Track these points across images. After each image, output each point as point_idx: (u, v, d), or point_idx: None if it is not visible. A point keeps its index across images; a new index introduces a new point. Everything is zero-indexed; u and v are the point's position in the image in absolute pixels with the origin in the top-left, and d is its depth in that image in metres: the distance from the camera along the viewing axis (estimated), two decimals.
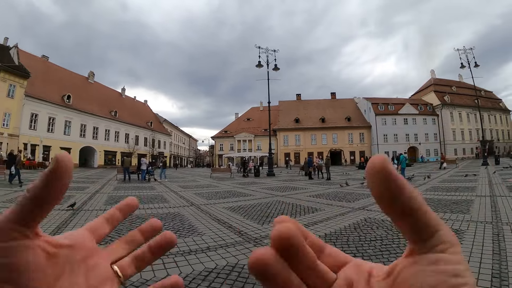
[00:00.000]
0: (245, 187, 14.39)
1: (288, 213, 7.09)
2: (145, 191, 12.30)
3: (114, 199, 9.91)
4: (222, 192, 12.00)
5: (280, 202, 8.85)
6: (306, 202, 8.93)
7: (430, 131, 65.62)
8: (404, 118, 65.04)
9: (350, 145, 66.42)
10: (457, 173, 20.45)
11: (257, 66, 26.23)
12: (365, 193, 11.03)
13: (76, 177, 21.21)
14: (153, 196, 10.55)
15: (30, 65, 42.76)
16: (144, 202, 9.16)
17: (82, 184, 15.65)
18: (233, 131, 72.41)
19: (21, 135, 38.34)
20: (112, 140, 56.15)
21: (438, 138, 65.61)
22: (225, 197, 10.20)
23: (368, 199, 9.36)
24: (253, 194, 11.20)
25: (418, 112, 65.38)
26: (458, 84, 71.68)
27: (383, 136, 64.47)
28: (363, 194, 10.73)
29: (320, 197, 10.02)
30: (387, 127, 64.57)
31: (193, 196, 10.49)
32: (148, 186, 14.98)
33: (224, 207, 7.97)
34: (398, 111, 65.03)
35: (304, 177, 21.74)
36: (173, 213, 7.25)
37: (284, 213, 7.08)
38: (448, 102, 65.17)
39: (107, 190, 12.68)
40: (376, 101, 67.95)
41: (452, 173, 20.71)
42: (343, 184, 14.47)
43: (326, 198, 9.74)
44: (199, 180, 19.61)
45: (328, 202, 8.92)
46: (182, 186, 15.13)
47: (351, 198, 9.63)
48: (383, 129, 64.46)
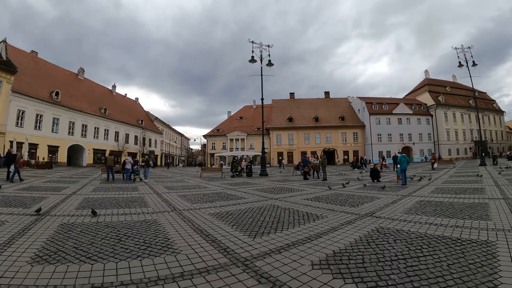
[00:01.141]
0: (235, 188, 13.34)
1: (285, 221, 6.05)
2: (126, 193, 11.17)
3: (89, 202, 8.79)
4: (210, 194, 10.93)
5: (275, 207, 7.82)
6: (304, 206, 7.91)
7: (424, 131, 65.34)
8: (398, 118, 64.57)
9: (343, 144, 65.76)
10: (457, 173, 19.70)
11: (250, 61, 25.15)
12: (367, 195, 10.08)
13: (59, 177, 19.99)
14: (132, 199, 9.46)
15: (18, 61, 41.26)
16: (120, 206, 8.08)
17: (62, 184, 14.50)
18: (226, 129, 71.24)
19: (7, 132, 36.78)
20: (101, 138, 54.62)
21: (432, 138, 65.40)
22: (212, 201, 9.13)
23: (373, 202, 8.41)
24: (244, 196, 10.15)
25: (413, 112, 65.05)
26: (452, 84, 71.85)
27: (377, 136, 63.90)
28: (366, 196, 9.78)
29: (319, 201, 9.02)
30: (381, 126, 64.03)
31: (177, 199, 9.41)
32: (131, 187, 13.84)
33: (210, 213, 6.91)
34: (392, 110, 64.55)
35: (298, 177, 20.78)
36: (149, 220, 6.17)
37: (280, 221, 6.05)
38: (443, 102, 65.08)
39: (85, 192, 11.54)
40: (370, 100, 67.42)
41: (451, 173, 19.97)
42: (345, 184, 13.61)
43: (326, 202, 8.75)
44: (187, 181, 18.51)
45: (329, 206, 7.92)
46: (168, 187, 14.03)
47: (354, 202, 8.65)
48: (377, 128, 63.90)
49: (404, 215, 6.60)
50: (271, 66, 26.07)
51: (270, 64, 25.85)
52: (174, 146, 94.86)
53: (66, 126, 46.65)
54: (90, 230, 5.41)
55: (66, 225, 5.79)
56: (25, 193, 10.77)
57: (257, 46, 25.85)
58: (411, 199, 9.01)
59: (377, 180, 16.00)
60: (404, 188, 12.08)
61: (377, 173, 16.39)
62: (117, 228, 5.50)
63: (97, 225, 5.80)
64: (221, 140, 70.64)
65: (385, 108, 65.06)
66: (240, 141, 68.49)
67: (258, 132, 67.34)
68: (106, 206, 8.14)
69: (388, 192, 10.91)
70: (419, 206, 7.79)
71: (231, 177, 21.85)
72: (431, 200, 8.66)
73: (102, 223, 5.99)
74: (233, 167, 23.64)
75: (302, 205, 8.10)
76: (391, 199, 9.07)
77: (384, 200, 8.99)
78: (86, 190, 12.04)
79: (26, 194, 10.29)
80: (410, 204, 8.06)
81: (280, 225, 5.70)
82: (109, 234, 5.09)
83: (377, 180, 16.04)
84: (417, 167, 31.90)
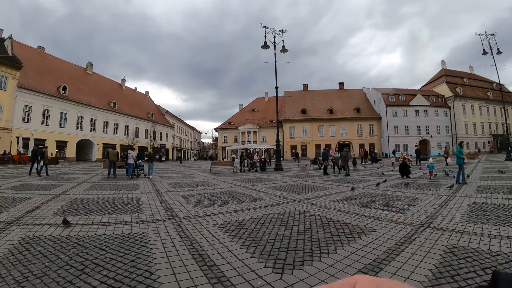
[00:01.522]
0: (249, 185, 11.66)
1: (321, 238, 4.32)
2: (122, 192, 9.63)
3: (73, 205, 7.28)
4: (219, 194, 9.25)
5: (301, 214, 6.12)
6: (338, 213, 6.18)
7: (442, 123, 62.74)
8: (415, 109, 62.09)
9: (359, 137, 63.58)
10: (488, 169, 17.74)
11: (263, 47, 23.38)
12: (406, 195, 8.35)
13: (60, 173, 18.74)
14: (126, 201, 7.90)
15: (25, 56, 40.82)
16: (108, 211, 6.54)
17: (57, 182, 13.13)
18: (237, 122, 69.67)
19: (14, 128, 36.08)
20: (111, 132, 53.86)
21: (450, 131, 62.64)
22: (221, 203, 7.46)
23: (420, 206, 6.69)
24: (260, 197, 8.47)
25: (430, 103, 62.44)
26: (470, 75, 69.03)
27: (394, 128, 61.58)
28: (406, 197, 8.05)
29: (353, 203, 7.29)
30: (398, 118, 61.65)
31: (178, 201, 7.78)
32: (132, 184, 12.30)
33: (217, 224, 5.24)
34: (409, 102, 62.08)
35: (316, 172, 19.05)
36: (134, 236, 4.56)
37: (314, 238, 4.32)
38: (460, 94, 62.32)
39: (78, 191, 10.06)
40: (387, 91, 64.83)
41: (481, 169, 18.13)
42: (381, 182, 11.89)
43: (362, 205, 7.02)
44: (195, 176, 16.89)
45: (369, 212, 6.19)
46: (172, 184, 12.43)
47: (396, 205, 6.92)
48: (394, 120, 61.51)
49: (468, 224, 5.05)
50: (285, 52, 24.26)
51: (284, 50, 24.05)
52: (186, 139, 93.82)
53: (74, 121, 45.95)
54: (53, 250, 3.88)
55: (27, 240, 4.34)
56: (10, 192, 9.43)
57: (269, 31, 24.06)
58: (460, 201, 7.35)
59: (406, 176, 14.18)
60: (441, 187, 10.24)
61: (407, 169, 14.58)
62: (87, 249, 3.91)
63: (64, 242, 4.26)
64: (233, 133, 69.20)
65: (402, 99, 62.56)
66: (252, 134, 66.91)
67: (270, 124, 65.65)
68: (92, 210, 6.62)
69: (427, 192, 9.15)
70: (475, 210, 6.21)
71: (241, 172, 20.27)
72: (485, 202, 6.99)
73: (72, 238, 4.44)
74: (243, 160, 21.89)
75: (335, 211, 6.38)
76: (437, 201, 7.38)
77: (430, 202, 7.28)
78: (80, 189, 10.56)
79: (9, 195, 8.90)
80: (464, 208, 6.43)
81: (316, 245, 3.98)
82: (72, 258, 3.54)
83: (407, 176, 14.22)
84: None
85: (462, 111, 62.03)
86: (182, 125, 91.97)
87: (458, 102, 61.83)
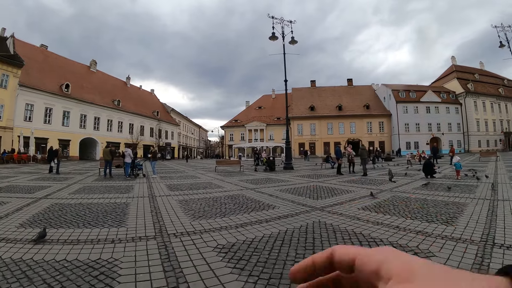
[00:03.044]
0: (258, 187, 10.25)
1: None
2: (111, 196, 8.31)
3: (48, 213, 6.04)
4: (223, 199, 7.86)
5: (329, 228, 4.72)
6: (376, 227, 4.76)
7: (453, 120, 60.60)
8: (426, 106, 60.08)
9: (369, 134, 61.73)
10: None
11: (271, 39, 22.00)
12: (447, 200, 6.94)
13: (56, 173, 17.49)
14: (112, 208, 6.58)
15: (27, 55, 40.01)
16: (85, 223, 5.24)
17: (45, 183, 11.91)
18: (244, 120, 68.33)
19: (15, 127, 35.19)
20: (115, 130, 52.85)
21: (461, 128, 60.52)
22: (224, 212, 6.05)
23: (468, 214, 5.26)
24: (272, 203, 7.06)
25: (441, 100, 60.27)
26: (480, 71, 66.82)
27: (404, 125, 59.60)
28: (447, 203, 6.68)
29: (387, 212, 5.89)
30: (408, 115, 59.67)
31: (173, 209, 6.41)
32: (126, 186, 10.98)
33: (217, 248, 3.83)
34: (420, 98, 60.07)
35: (329, 171, 17.63)
36: (102, 264, 3.23)
37: None
38: (472, 90, 60.14)
39: (63, 194, 8.80)
40: (397, 87, 62.82)
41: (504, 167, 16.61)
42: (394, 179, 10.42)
43: (400, 215, 5.61)
44: (199, 176, 15.48)
45: (414, 225, 4.78)
46: (172, 186, 11.05)
47: (441, 214, 5.52)
48: (405, 117, 59.57)
49: None
50: (294, 44, 22.81)
51: (293, 42, 22.60)
52: (192, 138, 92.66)
53: (77, 119, 45.05)
54: None
55: None
56: None
57: (277, 22, 22.59)
58: (509, 206, 6.08)
59: (430, 176, 12.72)
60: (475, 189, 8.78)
61: (432, 168, 13.10)
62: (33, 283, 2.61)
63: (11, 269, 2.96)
64: (239, 131, 67.92)
65: (412, 95, 60.64)
66: (259, 132, 65.55)
67: (277, 122, 64.23)
68: (66, 221, 5.38)
69: (463, 195, 7.81)
70: None
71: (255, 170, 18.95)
72: None
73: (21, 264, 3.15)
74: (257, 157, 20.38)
75: (370, 224, 4.98)
76: (483, 207, 6.12)
77: (475, 208, 6.04)
78: (66, 192, 9.30)
79: None
80: None
81: None
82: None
83: (431, 176, 12.76)
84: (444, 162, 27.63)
85: (474, 108, 60.00)
86: (188, 123, 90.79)
87: (470, 99, 59.78)
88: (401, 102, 59.54)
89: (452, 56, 70.41)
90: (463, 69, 66.61)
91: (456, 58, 69.65)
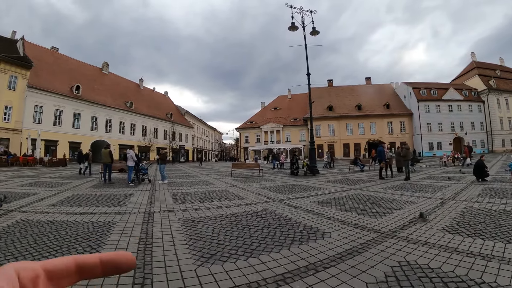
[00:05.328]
0: (287, 198, 7.96)
1: None
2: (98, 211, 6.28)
3: (16, 229, 4.06)
4: (244, 217, 5.64)
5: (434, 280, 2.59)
6: None
7: (476, 119, 57.45)
8: (448, 104, 57.16)
9: (389, 135, 58.91)
10: None
11: (290, 29, 19.92)
12: None
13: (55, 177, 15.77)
14: (85, 234, 4.52)
15: (37, 57, 39.24)
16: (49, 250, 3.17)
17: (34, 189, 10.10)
18: (259, 121, 66.30)
19: (24, 129, 34.12)
20: (127, 133, 51.64)
21: (484, 127, 57.28)
22: (250, 248, 3.77)
23: None
24: (314, 225, 4.88)
25: (463, 98, 57.08)
26: (501, 68, 63.38)
27: (427, 125, 56.71)
28: None
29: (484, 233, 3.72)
30: (430, 114, 56.88)
31: (173, 238, 4.23)
32: (123, 195, 8.90)
33: None
34: (441, 96, 57.17)
35: (361, 175, 15.37)
36: None
37: None
38: (494, 87, 56.75)
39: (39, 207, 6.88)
40: (418, 85, 59.85)
41: None
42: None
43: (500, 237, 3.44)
44: (213, 182, 13.30)
45: None
46: (179, 195, 8.87)
47: None
48: (426, 116, 56.82)
49: None
50: (315, 35, 20.66)
51: (315, 32, 20.45)
52: (206, 140, 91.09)
53: (88, 121, 44.01)
54: None
55: None
56: None
57: (297, 12, 20.51)
58: None
59: (482, 179, 10.86)
60: None
61: (483, 170, 11.05)
62: None
63: None
64: (255, 133, 65.98)
65: (433, 94, 57.74)
66: (275, 134, 63.44)
67: (294, 123, 62.05)
68: (11, 253, 3.37)
69: None
70: None
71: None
72: None
73: None
74: (296, 161, 17.92)
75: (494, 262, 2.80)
76: None
77: None
78: (46, 203, 7.36)
79: None
80: None
81: None
82: None
83: (482, 179, 10.90)
84: None
85: (497, 106, 56.87)
86: (203, 126, 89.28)
87: (492, 96, 56.63)
88: (423, 100, 56.79)
89: (472, 52, 67.31)
90: (484, 66, 63.47)
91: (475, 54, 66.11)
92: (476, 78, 59.52)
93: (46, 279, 0.30)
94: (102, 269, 0.33)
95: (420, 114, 56.47)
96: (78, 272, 0.32)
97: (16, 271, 0.29)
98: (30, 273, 0.29)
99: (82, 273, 0.32)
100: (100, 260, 0.33)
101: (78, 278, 0.33)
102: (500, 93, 57.06)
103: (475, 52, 67.30)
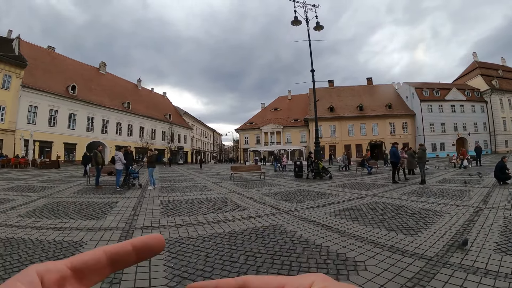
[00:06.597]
0: (296, 209, 6.86)
1: None
2: (70, 224, 5.18)
3: None
4: (247, 239, 4.50)
5: None
6: None
7: (479, 119, 56.41)
8: (451, 105, 56.04)
9: (392, 136, 57.62)
10: None
11: (293, 23, 18.92)
12: None
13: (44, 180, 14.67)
14: (55, 253, 3.47)
15: (32, 56, 38.21)
16: None
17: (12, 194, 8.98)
18: (259, 122, 65.16)
19: (18, 130, 32.96)
20: (124, 134, 50.48)
21: (487, 127, 56.23)
22: None
23: None
24: (338, 248, 3.82)
25: (466, 98, 56.15)
26: (503, 68, 62.14)
27: (430, 126, 55.64)
28: None
29: None
30: (433, 115, 55.82)
31: (151, 272, 3.16)
32: (106, 203, 7.75)
33: None
34: (444, 96, 56.13)
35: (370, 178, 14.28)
36: None
37: None
38: (497, 87, 55.71)
39: (6, 218, 5.79)
40: (420, 86, 58.81)
41: None
42: None
43: None
44: (211, 187, 12.17)
45: None
46: (169, 205, 7.67)
47: None
48: (429, 117, 55.76)
49: None
50: (319, 30, 19.62)
51: (319, 27, 19.39)
52: (206, 142, 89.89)
53: (84, 122, 42.88)
54: None
55: None
56: None
57: (300, 6, 19.54)
58: None
59: (503, 182, 10.19)
60: None
61: (505, 171, 10.33)
62: None
63: None
64: (255, 134, 64.89)
65: (436, 94, 56.74)
66: (275, 135, 62.36)
67: (295, 124, 60.95)
68: None
69: None
70: None
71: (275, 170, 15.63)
72: None
73: None
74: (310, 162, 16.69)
75: None
76: None
77: None
78: (15, 213, 6.28)
79: None
80: None
81: None
82: None
83: (504, 181, 10.17)
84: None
85: (500, 106, 55.78)
86: (202, 127, 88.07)
87: (495, 96, 55.54)
88: (425, 101, 55.79)
89: (474, 52, 66.16)
90: (486, 66, 62.43)
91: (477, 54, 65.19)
92: (479, 78, 58.61)
93: (74, 279, 0.29)
94: (136, 255, 0.32)
95: (423, 114, 55.47)
96: (111, 263, 0.31)
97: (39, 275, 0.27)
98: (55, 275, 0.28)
99: (115, 264, 0.31)
100: (133, 246, 0.32)
101: (111, 270, 0.31)
102: (503, 93, 56.13)
103: (477, 52, 66.31)
